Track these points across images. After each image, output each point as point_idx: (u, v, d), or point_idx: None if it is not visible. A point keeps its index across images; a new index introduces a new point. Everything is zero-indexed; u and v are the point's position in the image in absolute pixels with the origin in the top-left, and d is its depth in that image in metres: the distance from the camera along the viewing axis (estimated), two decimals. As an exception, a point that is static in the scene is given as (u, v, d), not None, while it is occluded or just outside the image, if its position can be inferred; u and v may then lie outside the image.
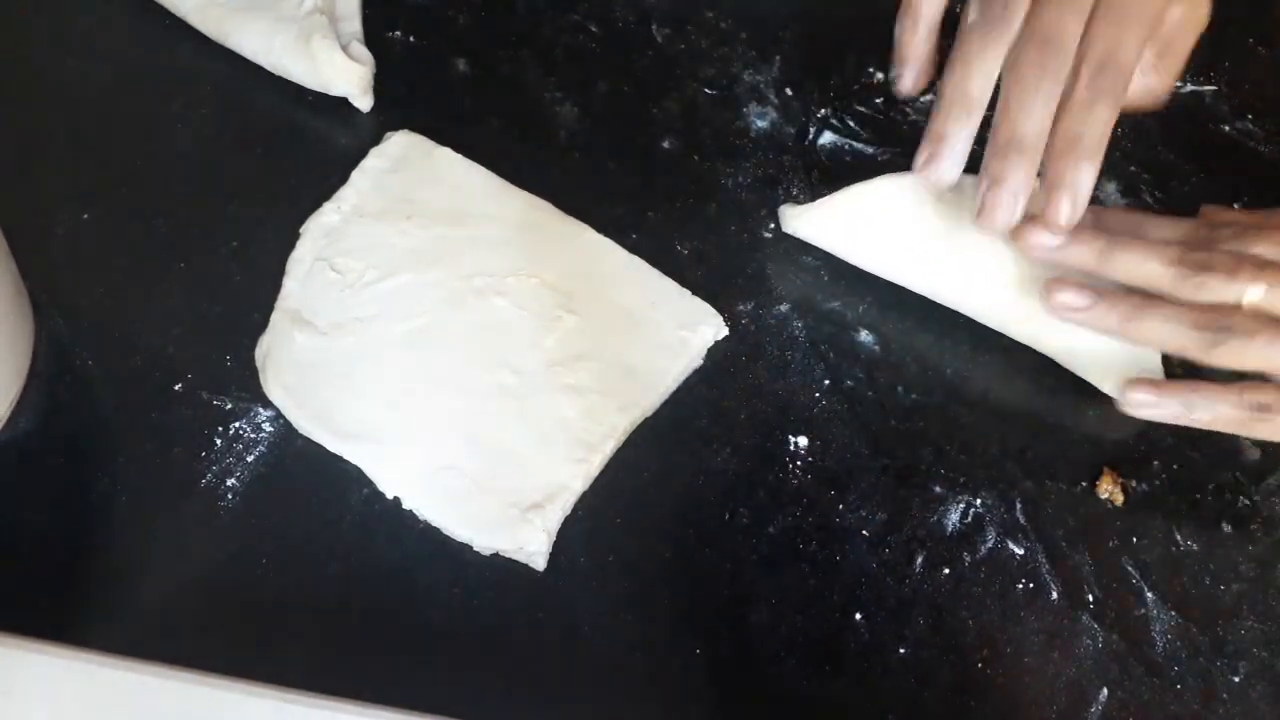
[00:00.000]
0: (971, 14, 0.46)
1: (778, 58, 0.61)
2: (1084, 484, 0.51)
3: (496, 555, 0.46)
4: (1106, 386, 0.51)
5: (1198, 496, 0.51)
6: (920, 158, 0.47)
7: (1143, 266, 0.48)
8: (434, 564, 0.46)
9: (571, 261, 0.52)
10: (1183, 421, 0.49)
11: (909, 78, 0.50)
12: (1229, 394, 0.48)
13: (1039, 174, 0.46)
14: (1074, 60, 0.45)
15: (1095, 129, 0.45)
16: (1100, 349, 0.51)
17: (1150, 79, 0.50)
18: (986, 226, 0.47)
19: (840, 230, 0.53)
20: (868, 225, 0.53)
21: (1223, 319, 0.47)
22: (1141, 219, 0.52)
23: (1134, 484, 0.51)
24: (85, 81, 0.56)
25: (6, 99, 0.55)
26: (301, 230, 0.52)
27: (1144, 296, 0.49)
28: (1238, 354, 0.47)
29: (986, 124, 0.47)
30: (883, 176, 0.54)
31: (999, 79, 0.46)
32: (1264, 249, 0.48)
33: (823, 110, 0.60)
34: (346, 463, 0.47)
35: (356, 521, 0.46)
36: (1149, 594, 0.48)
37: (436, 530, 0.46)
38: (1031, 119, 0.45)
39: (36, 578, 0.44)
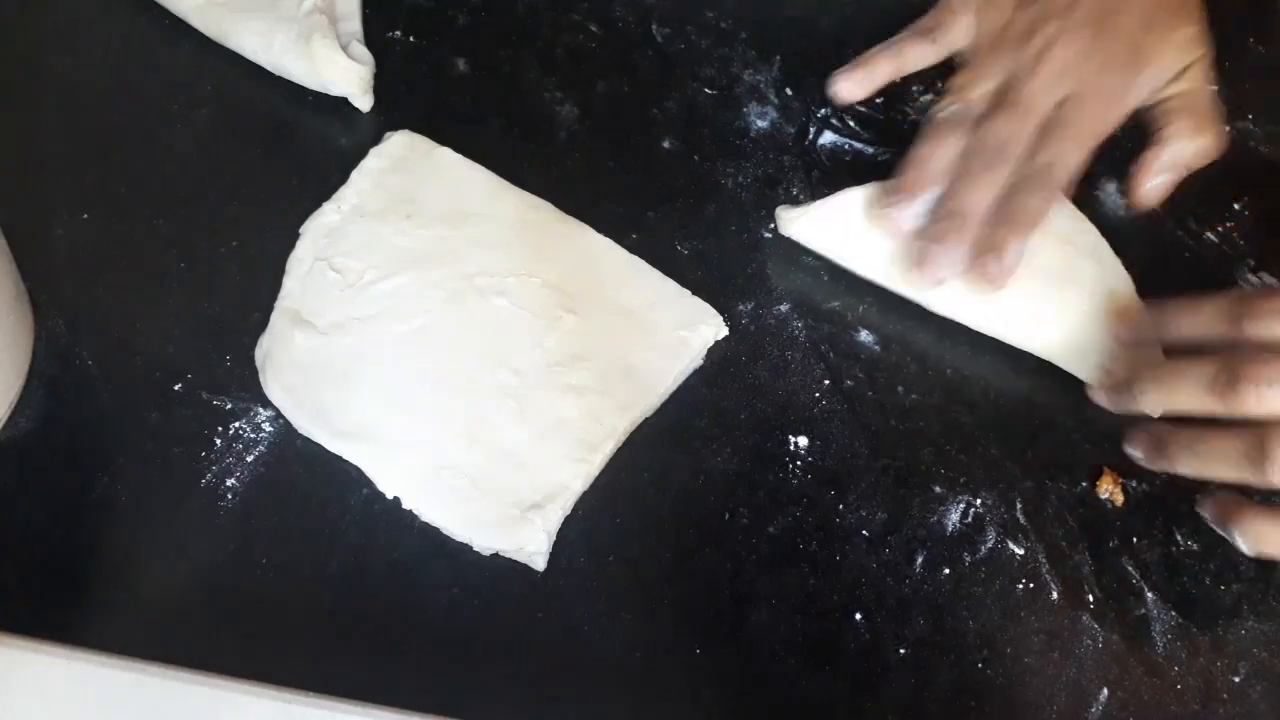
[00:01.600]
0: (944, 109, 0.53)
1: (778, 58, 0.61)
2: (1084, 484, 0.51)
3: (496, 555, 0.46)
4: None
5: (1198, 496, 0.51)
6: (887, 201, 0.52)
7: (1180, 398, 0.47)
8: (434, 564, 0.46)
9: (571, 261, 0.52)
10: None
11: (851, 91, 0.55)
12: (1226, 444, 0.46)
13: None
14: (1019, 163, 0.51)
15: (1032, 209, 0.50)
16: (1093, 349, 0.51)
17: (1201, 140, 0.54)
18: (918, 277, 0.51)
19: (833, 235, 0.53)
20: (860, 230, 0.53)
21: (1272, 442, 0.44)
22: (1166, 314, 0.49)
23: (1134, 484, 0.51)
24: (85, 81, 0.56)
25: (6, 99, 0.55)
26: (301, 230, 0.52)
27: (1194, 430, 0.47)
28: None
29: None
30: (876, 183, 0.54)
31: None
32: None
33: (823, 110, 0.60)
34: (346, 463, 0.47)
35: (356, 521, 0.46)
36: (1149, 594, 0.48)
37: (436, 530, 0.46)
38: (975, 197, 0.51)
39: (36, 578, 0.44)
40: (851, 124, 0.59)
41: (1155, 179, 0.55)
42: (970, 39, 0.55)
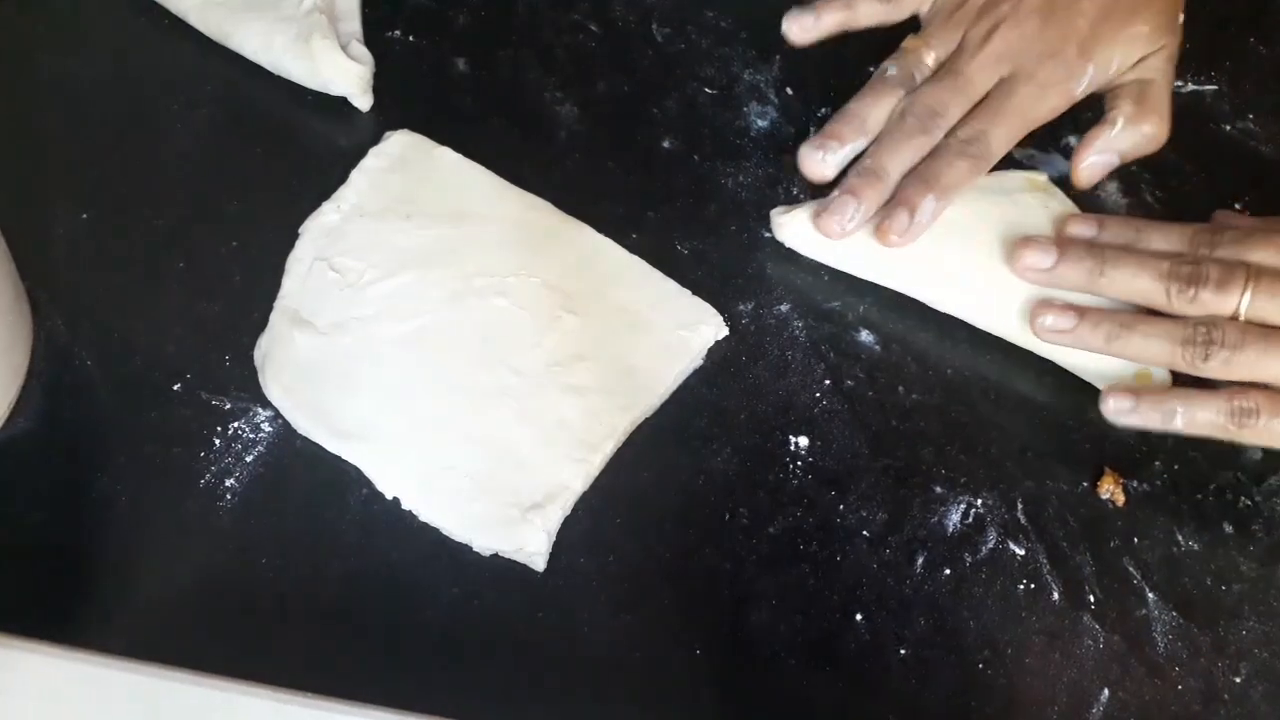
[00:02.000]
0: (888, 68, 0.54)
1: (778, 58, 0.61)
2: (1085, 484, 0.51)
3: (496, 555, 0.46)
4: (1103, 385, 0.51)
5: (1199, 497, 0.51)
6: (810, 145, 0.53)
7: (1134, 283, 0.49)
8: (434, 564, 0.46)
9: (572, 261, 0.52)
10: (1167, 429, 0.49)
11: (797, 35, 0.56)
12: (1210, 400, 0.48)
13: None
14: (946, 133, 0.52)
15: (951, 175, 0.51)
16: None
17: (1143, 127, 0.55)
18: (821, 226, 0.52)
19: (821, 237, 0.53)
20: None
21: (1206, 332, 0.47)
22: (1142, 226, 0.52)
23: (1135, 484, 0.51)
24: (85, 81, 0.56)
25: (6, 99, 0.55)
26: (301, 230, 0.52)
27: (1130, 313, 0.50)
28: (1226, 366, 0.47)
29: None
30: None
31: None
32: (1261, 255, 0.48)
33: (823, 110, 0.59)
34: (346, 463, 0.47)
35: (356, 521, 0.46)
36: (1150, 594, 0.48)
37: (436, 530, 0.46)
38: (896, 158, 0.52)
39: (36, 578, 0.44)
40: (852, 124, 0.59)
41: (1090, 158, 0.55)
42: (928, 6, 0.56)
